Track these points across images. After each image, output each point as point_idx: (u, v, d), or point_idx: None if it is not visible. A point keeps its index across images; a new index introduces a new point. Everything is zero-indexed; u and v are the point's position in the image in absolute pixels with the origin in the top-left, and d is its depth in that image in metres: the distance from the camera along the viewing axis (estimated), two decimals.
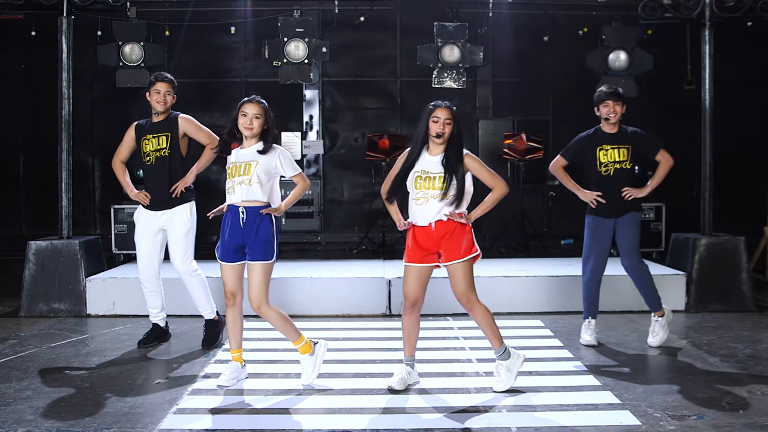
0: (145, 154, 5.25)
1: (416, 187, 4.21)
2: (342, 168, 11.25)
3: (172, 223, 5.26)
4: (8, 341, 5.50)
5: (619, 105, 5.17)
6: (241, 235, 4.34)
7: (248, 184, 4.31)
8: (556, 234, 10.54)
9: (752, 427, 3.69)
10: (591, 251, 5.32)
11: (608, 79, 7.60)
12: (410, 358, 4.42)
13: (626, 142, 5.22)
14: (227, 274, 4.42)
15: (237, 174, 4.35)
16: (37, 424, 3.75)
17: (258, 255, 4.32)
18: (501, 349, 4.31)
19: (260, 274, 4.32)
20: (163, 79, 5.20)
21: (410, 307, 4.32)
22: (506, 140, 9.84)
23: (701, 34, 6.89)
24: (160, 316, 5.45)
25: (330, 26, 9.73)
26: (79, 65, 7.07)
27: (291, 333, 4.44)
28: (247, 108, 4.36)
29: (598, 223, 5.28)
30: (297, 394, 4.28)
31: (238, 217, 4.33)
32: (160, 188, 5.23)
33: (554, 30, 9.27)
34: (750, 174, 10.57)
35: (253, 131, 4.36)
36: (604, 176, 5.23)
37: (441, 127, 4.19)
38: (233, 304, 4.42)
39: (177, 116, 5.29)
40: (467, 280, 4.22)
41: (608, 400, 4.10)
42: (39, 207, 11.07)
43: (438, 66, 7.94)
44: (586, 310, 5.39)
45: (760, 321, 6.14)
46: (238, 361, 4.48)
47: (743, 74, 10.44)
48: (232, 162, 4.43)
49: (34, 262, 6.46)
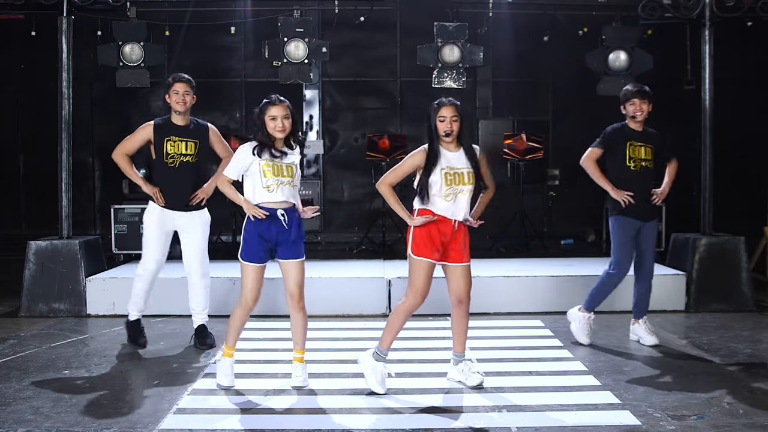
0: (169, 155, 5.21)
1: (447, 183, 4.23)
2: (342, 168, 11.25)
3: (192, 225, 5.26)
4: (8, 341, 5.50)
5: (646, 103, 5.16)
6: (276, 236, 4.32)
7: (292, 186, 4.34)
8: (556, 234, 10.54)
9: (752, 427, 3.69)
10: (624, 256, 5.21)
11: (608, 79, 7.61)
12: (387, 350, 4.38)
13: (652, 142, 5.23)
14: (255, 274, 4.35)
15: (279, 174, 4.30)
16: (37, 424, 3.75)
17: (298, 253, 4.37)
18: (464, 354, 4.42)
19: (303, 271, 4.39)
20: (181, 79, 5.19)
21: (420, 302, 4.29)
22: (506, 140, 9.84)
23: (701, 34, 6.89)
24: (139, 314, 5.43)
25: (330, 26, 9.74)
26: (79, 65, 7.06)
27: (304, 341, 4.46)
28: (275, 111, 4.29)
29: (627, 224, 5.20)
30: (296, 394, 4.28)
31: (277, 217, 4.30)
32: (179, 191, 5.22)
33: (554, 30, 9.27)
34: (750, 174, 10.57)
35: (286, 132, 4.34)
36: (633, 172, 5.17)
37: (449, 126, 4.23)
38: (251, 307, 4.41)
39: (207, 126, 5.34)
40: (470, 281, 4.32)
41: (608, 400, 4.10)
42: (39, 207, 11.07)
43: (438, 66, 7.94)
44: (590, 303, 5.36)
45: (760, 321, 6.14)
46: (229, 357, 4.46)
47: (743, 74, 10.45)
48: (269, 160, 4.29)
49: (34, 262, 6.46)
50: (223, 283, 6.29)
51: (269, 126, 4.29)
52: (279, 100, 4.32)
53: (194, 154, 5.24)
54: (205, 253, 5.32)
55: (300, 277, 4.38)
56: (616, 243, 5.25)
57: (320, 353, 5.04)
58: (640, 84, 5.38)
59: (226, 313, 6.20)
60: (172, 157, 5.22)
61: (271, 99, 4.33)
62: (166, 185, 5.25)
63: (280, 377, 4.56)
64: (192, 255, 5.28)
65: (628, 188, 5.16)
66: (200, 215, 5.30)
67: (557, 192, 10.61)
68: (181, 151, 5.21)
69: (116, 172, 5.58)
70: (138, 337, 5.38)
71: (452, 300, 4.35)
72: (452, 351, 4.45)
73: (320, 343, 5.34)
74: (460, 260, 4.27)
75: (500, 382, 4.42)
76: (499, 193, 4.39)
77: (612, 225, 5.28)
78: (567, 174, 10.39)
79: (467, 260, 4.30)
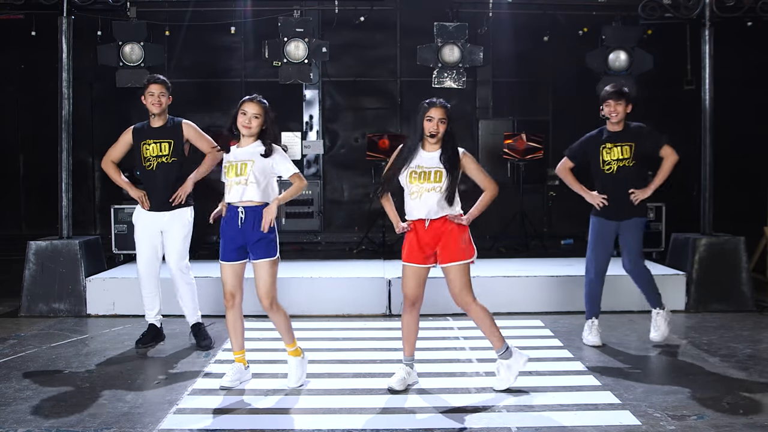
0: (146, 158, 5.25)
1: (411, 181, 4.24)
2: (342, 168, 11.24)
3: (171, 224, 5.27)
4: (8, 341, 5.50)
5: (621, 105, 5.16)
6: (242, 235, 4.33)
7: (244, 184, 4.31)
8: (556, 234, 10.53)
9: (752, 427, 3.69)
10: (595, 252, 5.32)
11: (608, 79, 7.60)
12: (410, 358, 4.43)
13: (628, 139, 5.21)
14: (226, 273, 4.40)
15: (234, 174, 4.34)
16: (37, 424, 3.75)
17: (261, 253, 4.32)
18: (502, 348, 4.32)
19: (267, 272, 4.32)
20: (155, 80, 5.21)
21: (410, 306, 4.35)
22: (506, 140, 9.83)
23: (701, 34, 6.89)
24: (157, 318, 5.45)
25: (330, 26, 9.72)
26: (79, 65, 7.06)
27: (290, 335, 4.47)
28: (247, 107, 4.36)
29: (602, 225, 5.28)
30: (297, 394, 4.29)
31: (237, 217, 4.33)
32: (160, 192, 5.25)
33: (554, 30, 9.26)
34: (750, 174, 10.56)
35: (251, 130, 4.36)
36: (608, 175, 5.23)
37: (435, 127, 4.23)
38: (233, 305, 4.41)
39: (180, 123, 5.31)
40: (462, 281, 4.25)
41: (608, 400, 4.10)
42: (39, 207, 11.06)
43: (438, 66, 7.94)
44: (589, 311, 5.40)
45: (760, 321, 6.14)
46: (241, 363, 4.48)
47: (743, 74, 10.43)
48: (228, 161, 4.41)
49: (34, 262, 6.46)
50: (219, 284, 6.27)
51: (238, 120, 4.36)
52: (257, 100, 4.39)
53: (169, 154, 5.24)
54: (182, 253, 5.29)
55: (265, 278, 4.33)
56: (589, 242, 5.37)
57: (320, 353, 5.04)
58: (617, 84, 5.36)
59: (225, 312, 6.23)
60: (148, 161, 5.25)
61: (251, 96, 4.40)
62: (147, 188, 5.31)
63: (280, 377, 4.56)
64: (168, 253, 5.30)
65: (604, 191, 5.23)
66: (180, 214, 5.28)
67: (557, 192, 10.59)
68: (157, 153, 5.24)
69: None
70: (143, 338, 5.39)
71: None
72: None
73: (320, 343, 5.34)
74: (445, 260, 4.24)
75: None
76: (499, 193, 4.37)
77: (590, 224, 5.37)
78: None
79: (453, 259, 4.22)
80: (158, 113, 5.22)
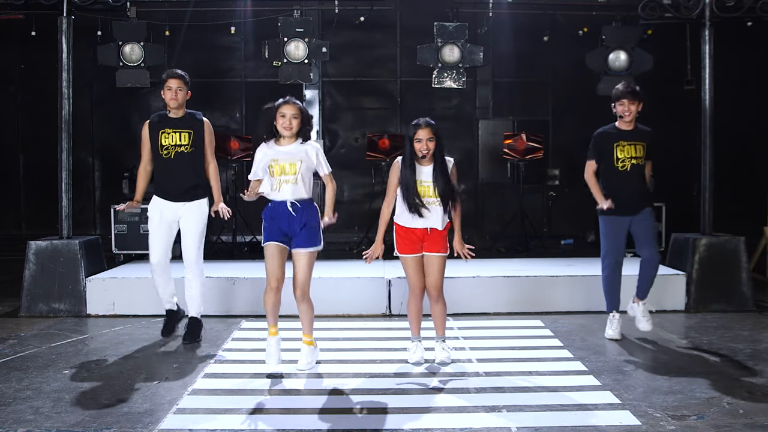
0: (163, 147, 5.31)
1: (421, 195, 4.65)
2: (342, 168, 11.23)
3: (189, 215, 5.33)
4: (8, 341, 5.50)
5: (635, 104, 5.28)
6: (288, 225, 4.58)
7: (294, 182, 4.58)
8: (556, 234, 10.53)
9: (752, 427, 3.69)
10: (611, 249, 5.44)
11: (608, 79, 7.61)
12: (418, 336, 4.87)
13: (642, 139, 5.36)
14: (273, 256, 4.58)
15: (282, 173, 4.59)
16: (37, 424, 3.75)
17: (305, 242, 4.59)
18: (443, 336, 4.91)
19: (306, 261, 4.61)
20: (173, 75, 5.30)
21: (419, 293, 4.76)
22: (506, 140, 9.83)
23: (701, 34, 6.89)
24: (172, 300, 5.56)
25: (330, 26, 9.72)
26: (79, 65, 7.06)
27: (311, 327, 4.76)
28: (285, 109, 4.61)
29: (615, 222, 5.40)
30: (297, 394, 4.29)
31: (286, 209, 4.57)
32: (177, 182, 5.31)
33: (554, 30, 9.26)
34: (750, 174, 10.57)
35: (293, 131, 4.63)
36: (621, 172, 5.35)
37: (425, 147, 4.58)
38: (277, 289, 4.60)
39: (202, 118, 5.43)
40: (442, 273, 4.71)
41: (608, 400, 4.10)
42: (39, 207, 11.07)
43: (438, 66, 7.94)
44: (610, 303, 5.53)
45: (760, 321, 6.14)
46: (274, 335, 4.69)
47: (743, 74, 10.44)
48: (273, 159, 4.61)
49: (34, 262, 6.46)
50: (223, 283, 6.29)
51: (279, 122, 4.62)
52: (292, 101, 4.69)
53: (188, 144, 5.31)
54: (200, 245, 5.37)
55: (304, 267, 4.60)
56: (602, 236, 5.49)
57: (320, 353, 5.03)
58: (631, 84, 5.49)
59: (225, 312, 6.25)
60: (166, 149, 5.31)
61: (285, 99, 4.67)
62: (163, 176, 5.36)
63: (279, 377, 4.56)
64: (187, 246, 5.35)
65: (616, 187, 5.34)
66: (198, 206, 5.36)
67: (557, 192, 10.60)
68: (176, 141, 5.30)
69: (116, 172, 5.59)
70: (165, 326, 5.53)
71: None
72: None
73: (320, 343, 5.33)
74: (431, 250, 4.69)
75: (500, 382, 4.42)
76: (499, 193, 4.46)
77: (600, 223, 5.48)
78: (567, 174, 10.38)
79: (440, 250, 4.70)
80: (176, 107, 5.31)
